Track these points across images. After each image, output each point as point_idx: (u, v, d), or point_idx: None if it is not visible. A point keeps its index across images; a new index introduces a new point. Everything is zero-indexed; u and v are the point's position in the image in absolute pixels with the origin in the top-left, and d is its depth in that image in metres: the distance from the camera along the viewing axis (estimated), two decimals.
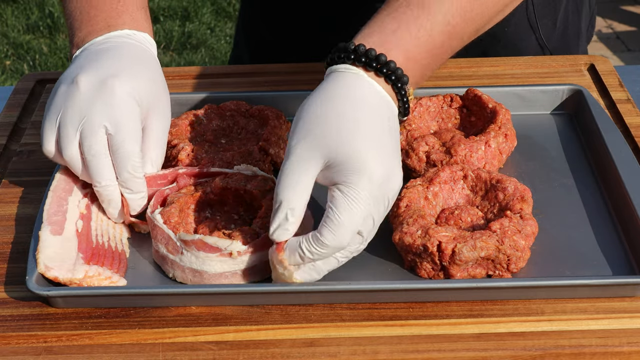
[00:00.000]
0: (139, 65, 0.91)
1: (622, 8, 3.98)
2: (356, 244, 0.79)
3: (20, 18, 3.76)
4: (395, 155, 0.80)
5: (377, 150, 0.78)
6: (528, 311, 0.80)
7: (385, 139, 0.80)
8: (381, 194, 0.77)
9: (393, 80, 0.82)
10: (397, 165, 0.80)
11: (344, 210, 0.76)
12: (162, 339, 0.78)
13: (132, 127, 0.87)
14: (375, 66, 0.81)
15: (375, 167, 0.77)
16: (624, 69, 1.42)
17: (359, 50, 0.82)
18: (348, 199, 0.76)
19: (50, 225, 0.86)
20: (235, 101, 1.04)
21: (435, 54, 0.86)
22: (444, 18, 0.85)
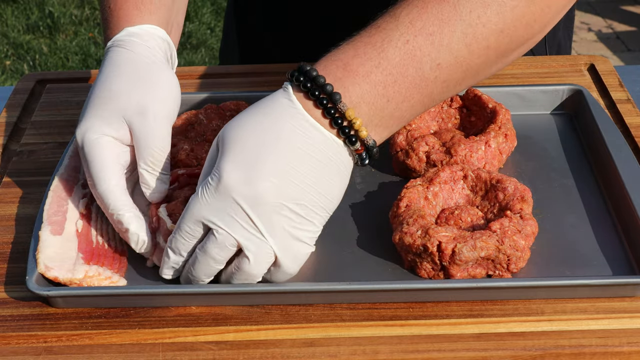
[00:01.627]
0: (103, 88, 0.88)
1: (622, 8, 3.98)
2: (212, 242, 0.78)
3: (20, 18, 3.76)
4: (274, 167, 0.76)
5: (243, 150, 0.76)
6: (528, 311, 0.80)
7: (274, 149, 0.76)
8: (228, 196, 0.76)
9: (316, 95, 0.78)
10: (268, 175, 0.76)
11: (193, 196, 0.78)
12: (162, 339, 0.78)
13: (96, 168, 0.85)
14: (299, 78, 0.79)
15: (227, 164, 0.76)
16: (624, 69, 1.42)
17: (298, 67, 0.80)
18: (201, 186, 0.78)
19: (50, 225, 0.86)
20: (235, 101, 1.04)
21: (391, 71, 0.78)
22: (401, 36, 0.79)
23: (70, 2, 3.90)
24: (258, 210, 0.76)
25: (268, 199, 0.76)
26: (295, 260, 0.79)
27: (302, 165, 0.77)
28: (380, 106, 0.79)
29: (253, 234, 0.77)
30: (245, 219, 0.76)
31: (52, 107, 1.14)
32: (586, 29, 3.79)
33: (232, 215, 0.76)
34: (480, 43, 0.81)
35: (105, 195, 0.84)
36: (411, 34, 0.79)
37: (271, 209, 0.76)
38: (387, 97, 0.79)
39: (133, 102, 0.86)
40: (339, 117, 0.78)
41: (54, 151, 1.04)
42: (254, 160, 0.76)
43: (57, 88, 1.18)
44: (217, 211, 0.77)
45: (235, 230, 0.77)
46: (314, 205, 0.78)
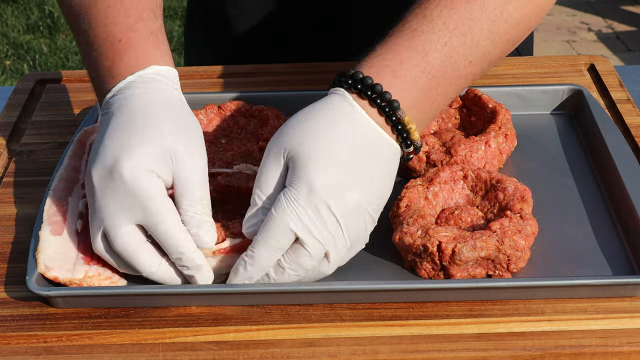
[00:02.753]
0: (141, 124, 0.81)
1: (622, 8, 3.98)
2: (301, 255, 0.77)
3: (20, 18, 3.76)
4: (359, 181, 0.78)
5: (329, 161, 0.77)
6: (528, 311, 0.80)
7: (346, 153, 0.78)
8: (321, 205, 0.76)
9: (375, 100, 0.80)
10: (353, 184, 0.78)
11: (278, 208, 0.77)
12: (162, 339, 0.78)
13: (155, 206, 0.78)
14: (356, 86, 0.81)
15: (318, 175, 0.77)
16: (624, 69, 1.42)
17: (345, 74, 0.82)
18: (285, 198, 0.77)
19: (50, 225, 0.86)
20: (235, 101, 1.04)
21: (434, 74, 0.83)
22: (439, 39, 0.83)
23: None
24: (348, 217, 0.78)
25: (358, 206, 0.78)
26: (351, 256, 0.82)
27: (376, 171, 0.80)
28: (426, 109, 0.85)
29: (339, 241, 0.78)
30: (336, 227, 0.77)
31: (52, 107, 1.14)
32: (586, 29, 3.80)
33: (325, 224, 0.77)
34: (503, 37, 0.88)
35: (171, 235, 0.79)
36: (447, 36, 0.84)
37: (358, 216, 0.79)
38: (431, 100, 0.84)
39: (177, 144, 0.81)
40: (398, 124, 0.82)
41: (54, 151, 1.04)
42: (341, 171, 0.78)
43: (57, 88, 1.18)
44: (309, 220, 0.77)
45: (325, 239, 0.77)
46: (379, 207, 0.82)
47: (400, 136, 0.82)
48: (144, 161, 0.79)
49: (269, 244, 0.77)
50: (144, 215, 0.78)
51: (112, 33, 0.87)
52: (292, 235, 0.77)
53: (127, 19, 0.87)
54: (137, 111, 0.82)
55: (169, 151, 0.80)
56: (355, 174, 0.79)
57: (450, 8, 0.84)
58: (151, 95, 0.84)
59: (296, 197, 0.76)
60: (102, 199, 0.79)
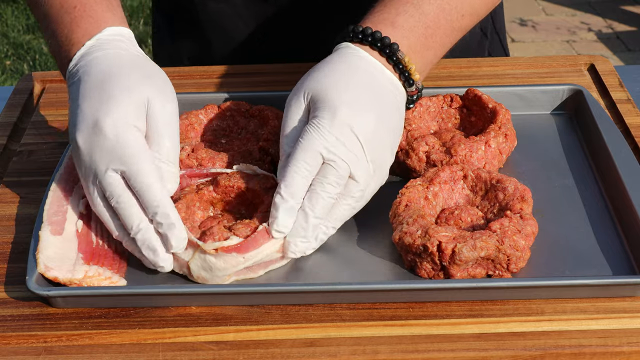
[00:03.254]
0: (116, 82, 0.85)
1: (622, 8, 3.98)
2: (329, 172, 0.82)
3: (20, 18, 3.76)
4: (373, 107, 0.86)
5: (346, 91, 0.85)
6: (528, 311, 0.80)
7: (362, 89, 0.86)
8: (343, 128, 0.83)
9: (376, 45, 0.89)
10: (370, 110, 0.85)
11: (305, 135, 0.83)
12: (162, 339, 0.78)
13: (137, 158, 0.82)
14: (357, 36, 0.89)
15: (339, 103, 0.84)
16: (624, 69, 1.42)
17: (347, 29, 0.91)
18: (310, 127, 0.83)
19: (50, 225, 0.86)
20: (235, 101, 1.04)
21: (429, 24, 0.92)
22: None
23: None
24: (367, 139, 0.84)
25: (376, 129, 0.85)
26: (377, 186, 0.88)
27: (384, 103, 0.88)
28: (424, 54, 0.92)
29: (362, 161, 0.84)
30: (358, 148, 0.83)
31: (52, 107, 1.14)
32: (586, 29, 3.79)
33: (347, 145, 0.83)
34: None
35: (147, 188, 0.82)
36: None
37: (377, 139, 0.85)
38: (428, 47, 0.93)
39: (150, 96, 0.86)
40: (399, 63, 0.89)
41: (54, 151, 1.04)
42: (356, 99, 0.85)
43: (57, 88, 1.18)
44: (335, 142, 0.83)
45: (350, 158, 0.83)
46: (392, 140, 0.88)
47: (402, 75, 0.90)
48: (122, 116, 0.83)
49: (299, 167, 0.82)
50: (126, 166, 0.83)
51: (66, 1, 0.92)
52: (319, 157, 0.83)
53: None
54: (104, 71, 0.86)
55: (143, 103, 0.85)
56: (370, 102, 0.86)
57: None
58: (113, 54, 0.88)
59: (320, 124, 0.83)
60: (90, 156, 0.83)
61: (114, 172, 0.83)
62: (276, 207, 0.83)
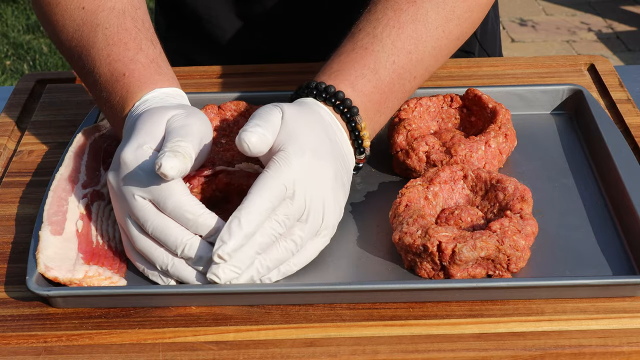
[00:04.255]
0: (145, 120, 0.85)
1: (622, 8, 3.98)
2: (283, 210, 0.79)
3: (20, 18, 3.76)
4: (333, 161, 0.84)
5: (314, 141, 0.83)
6: (528, 311, 0.80)
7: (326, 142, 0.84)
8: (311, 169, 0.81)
9: (338, 107, 0.88)
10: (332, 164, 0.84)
11: (272, 165, 0.80)
12: (162, 339, 0.78)
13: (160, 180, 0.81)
14: (321, 94, 0.88)
15: (306, 144, 0.82)
16: (624, 69, 1.42)
17: (309, 85, 0.90)
18: (277, 158, 0.81)
19: (50, 225, 0.86)
20: (235, 101, 1.04)
21: (384, 90, 0.91)
22: (388, 57, 0.92)
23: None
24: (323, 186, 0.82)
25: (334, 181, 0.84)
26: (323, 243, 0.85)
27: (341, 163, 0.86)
28: (376, 120, 0.92)
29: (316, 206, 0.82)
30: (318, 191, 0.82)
31: (52, 107, 1.14)
32: (586, 29, 3.80)
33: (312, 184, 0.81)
34: (443, 52, 0.97)
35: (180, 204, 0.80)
36: (395, 55, 0.92)
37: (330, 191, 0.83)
38: (380, 112, 0.93)
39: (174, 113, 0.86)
40: (356, 129, 0.89)
41: (54, 151, 1.04)
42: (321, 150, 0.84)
43: (57, 88, 1.18)
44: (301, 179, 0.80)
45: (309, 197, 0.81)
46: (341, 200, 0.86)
47: (355, 142, 0.90)
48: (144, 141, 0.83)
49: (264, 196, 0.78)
50: (150, 193, 0.81)
51: (116, 70, 0.92)
52: (284, 190, 0.79)
53: (127, 52, 0.92)
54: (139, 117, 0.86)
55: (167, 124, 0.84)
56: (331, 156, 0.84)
57: (398, 28, 0.92)
58: (156, 103, 0.89)
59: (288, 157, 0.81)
60: (118, 190, 0.83)
61: (140, 198, 0.81)
62: (230, 231, 0.77)
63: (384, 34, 0.92)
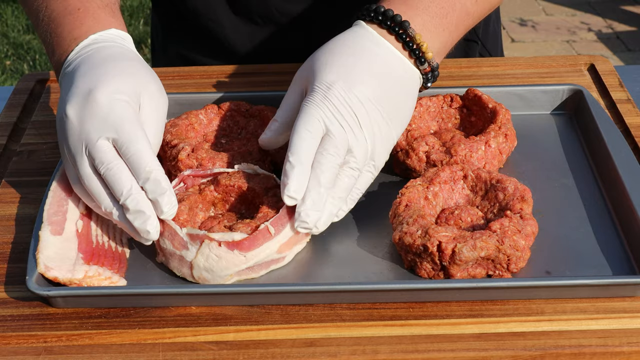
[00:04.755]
0: (113, 65, 0.89)
1: (622, 8, 3.98)
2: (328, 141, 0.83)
3: (20, 18, 3.76)
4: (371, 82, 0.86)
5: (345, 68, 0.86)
6: (528, 311, 0.80)
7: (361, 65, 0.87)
8: (340, 103, 0.84)
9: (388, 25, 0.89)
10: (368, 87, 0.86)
11: (304, 106, 0.85)
12: (162, 339, 0.78)
13: (130, 126, 0.84)
14: (369, 14, 0.90)
15: (337, 79, 0.85)
16: (624, 69, 1.42)
17: (364, 8, 0.92)
18: (309, 99, 0.85)
19: (50, 225, 0.86)
20: (235, 101, 1.04)
21: (443, 5, 0.92)
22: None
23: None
24: (360, 112, 0.85)
25: (368, 104, 0.85)
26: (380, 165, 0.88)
27: (387, 80, 0.88)
28: (438, 33, 0.92)
29: (357, 134, 0.85)
30: (353, 120, 0.85)
31: (52, 107, 1.14)
32: (586, 29, 3.79)
33: (341, 118, 0.84)
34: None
35: (141, 154, 0.83)
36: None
37: (370, 113, 0.85)
38: (443, 27, 0.93)
39: (146, 86, 0.89)
40: (409, 41, 0.89)
41: (54, 151, 1.04)
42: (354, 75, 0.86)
43: (57, 88, 1.18)
44: (330, 114, 0.84)
45: (346, 128, 0.84)
46: (396, 118, 0.88)
47: (412, 53, 0.90)
48: (116, 89, 0.86)
49: (301, 135, 0.83)
50: (117, 134, 0.84)
51: (70, 4, 0.96)
52: (320, 125, 0.84)
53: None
54: (105, 56, 0.90)
55: (139, 90, 0.88)
56: (369, 78, 0.86)
57: None
58: (116, 47, 0.92)
59: (316, 96, 0.85)
60: (81, 125, 0.85)
61: (105, 140, 0.84)
62: (286, 174, 0.83)
63: None
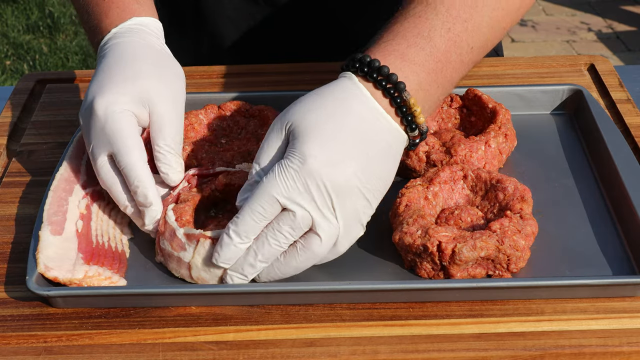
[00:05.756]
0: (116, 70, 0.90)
1: (622, 8, 3.98)
2: (285, 220, 0.78)
3: (20, 18, 3.76)
4: (355, 157, 0.79)
5: (326, 136, 0.79)
6: (528, 311, 0.80)
7: (344, 130, 0.79)
8: (311, 176, 0.77)
9: (380, 82, 0.82)
10: (347, 160, 0.78)
11: (269, 176, 0.78)
12: (162, 339, 0.78)
13: (120, 140, 0.85)
14: (363, 69, 0.82)
15: (312, 148, 0.78)
16: (624, 69, 1.42)
17: (354, 58, 0.84)
18: (278, 168, 0.78)
19: (50, 225, 0.86)
20: (235, 101, 1.04)
21: (439, 59, 0.85)
22: (443, 25, 0.86)
23: (70, 2, 3.90)
24: (338, 193, 0.78)
25: (350, 183, 0.78)
26: (350, 242, 0.81)
27: (373, 151, 0.80)
28: (433, 92, 0.86)
29: (328, 216, 0.78)
30: (324, 201, 0.78)
31: (52, 107, 1.14)
32: (586, 29, 3.79)
33: (313, 196, 0.77)
34: (500, 24, 0.91)
35: (131, 167, 0.85)
36: (450, 22, 0.86)
37: (349, 192, 0.79)
38: (437, 83, 0.86)
39: (153, 86, 0.89)
40: (403, 106, 0.82)
41: (54, 151, 1.04)
42: (336, 146, 0.79)
43: (57, 88, 1.18)
44: (299, 191, 0.77)
45: (313, 210, 0.78)
46: (377, 190, 0.81)
47: (404, 119, 0.83)
48: (116, 100, 0.87)
49: (254, 210, 0.78)
50: (112, 147, 0.86)
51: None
52: (277, 204, 0.78)
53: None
54: (116, 57, 0.91)
55: (144, 93, 0.88)
56: (350, 151, 0.79)
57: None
58: (130, 42, 0.92)
59: (288, 167, 0.78)
60: (86, 135, 0.89)
61: (104, 157, 0.87)
62: (220, 244, 0.80)
63: (437, 1, 0.87)
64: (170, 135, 0.89)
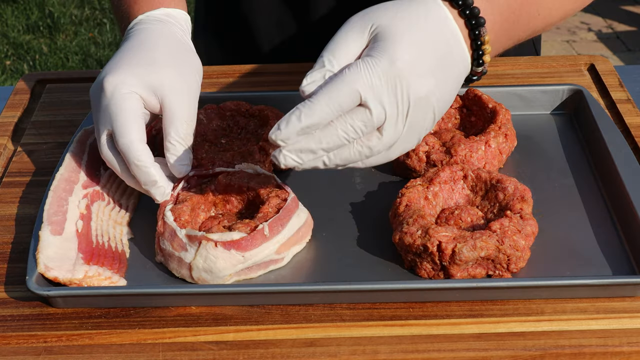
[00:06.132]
0: (133, 54, 0.91)
1: (622, 8, 3.98)
2: (359, 116, 0.76)
3: (20, 18, 3.76)
4: (435, 72, 0.79)
5: (415, 44, 0.79)
6: (528, 311, 0.80)
7: (430, 49, 0.80)
8: (398, 80, 0.77)
9: (463, 11, 0.83)
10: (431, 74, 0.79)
11: (353, 69, 0.76)
12: (162, 339, 0.78)
13: (122, 119, 0.86)
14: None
15: (403, 53, 0.77)
16: (624, 69, 1.42)
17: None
18: (363, 63, 0.76)
19: (50, 225, 0.86)
20: (235, 101, 1.04)
21: (515, 10, 0.88)
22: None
23: (70, 2, 3.90)
24: (416, 102, 0.78)
25: (428, 97, 0.79)
26: (402, 151, 0.82)
27: (450, 74, 0.81)
28: (501, 38, 0.88)
29: (399, 121, 0.78)
30: (403, 106, 0.77)
31: (52, 107, 1.14)
32: (586, 29, 3.79)
33: (397, 99, 0.77)
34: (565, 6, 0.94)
35: (128, 147, 0.86)
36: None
37: (424, 105, 0.79)
38: (507, 33, 0.88)
39: (168, 76, 0.90)
40: (479, 40, 0.84)
41: (54, 151, 1.04)
42: (424, 58, 0.79)
43: (57, 88, 1.18)
44: (385, 91, 0.76)
45: (391, 112, 0.77)
46: (441, 112, 0.82)
47: (475, 52, 0.85)
48: (125, 80, 0.88)
49: (332, 98, 0.75)
50: (112, 126, 0.87)
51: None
52: (357, 97, 0.75)
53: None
54: (137, 42, 0.92)
55: (157, 81, 0.89)
56: (434, 67, 0.80)
57: None
58: (154, 30, 0.94)
59: (375, 65, 0.76)
60: (94, 112, 0.90)
61: (106, 137, 0.88)
62: (286, 121, 0.76)
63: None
64: (182, 126, 0.89)
